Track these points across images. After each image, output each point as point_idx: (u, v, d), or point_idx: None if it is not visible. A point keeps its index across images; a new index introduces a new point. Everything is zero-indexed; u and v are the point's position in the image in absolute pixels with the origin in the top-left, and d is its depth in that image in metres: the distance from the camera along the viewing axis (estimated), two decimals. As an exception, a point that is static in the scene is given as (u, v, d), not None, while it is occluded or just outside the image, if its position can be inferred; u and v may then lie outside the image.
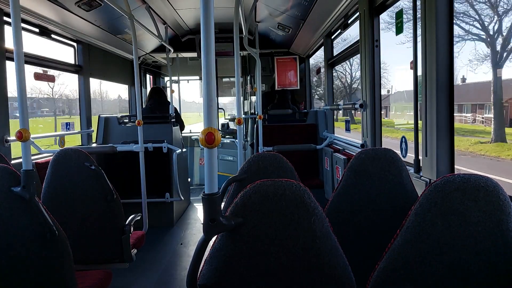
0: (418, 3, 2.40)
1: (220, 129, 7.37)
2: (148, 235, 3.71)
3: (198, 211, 5.68)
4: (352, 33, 4.21)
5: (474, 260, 1.21)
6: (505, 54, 3.33)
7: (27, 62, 2.94)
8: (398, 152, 2.53)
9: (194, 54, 6.83)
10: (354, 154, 2.12)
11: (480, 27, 3.42)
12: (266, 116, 5.54)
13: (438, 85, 2.23)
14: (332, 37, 4.99)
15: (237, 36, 3.36)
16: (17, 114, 1.88)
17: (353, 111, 5.27)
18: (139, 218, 2.91)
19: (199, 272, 1.23)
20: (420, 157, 2.50)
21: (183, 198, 4.86)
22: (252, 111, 7.35)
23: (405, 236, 1.28)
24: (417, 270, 1.25)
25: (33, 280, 1.87)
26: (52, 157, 2.67)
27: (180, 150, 4.73)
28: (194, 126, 9.03)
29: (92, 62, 4.96)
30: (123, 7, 3.68)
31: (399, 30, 2.86)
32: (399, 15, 2.84)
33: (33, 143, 3.60)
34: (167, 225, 4.89)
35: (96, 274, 2.34)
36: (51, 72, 4.22)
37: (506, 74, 3.34)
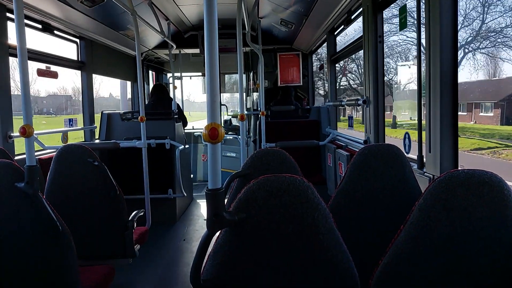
0: None
1: (222, 125, 7.36)
2: (151, 231, 3.72)
3: (201, 207, 5.69)
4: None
5: (478, 255, 1.20)
6: None
7: (30, 58, 2.94)
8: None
9: (197, 51, 6.82)
10: (357, 150, 2.12)
11: None
12: (269, 112, 5.53)
13: (442, 81, 2.22)
14: (335, 33, 4.97)
15: (240, 32, 3.35)
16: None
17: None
18: (142, 214, 2.92)
19: (202, 267, 1.24)
20: (424, 153, 2.50)
21: (186, 194, 4.87)
22: (255, 107, 7.35)
23: (409, 232, 1.28)
24: (421, 266, 1.25)
25: (37, 275, 1.88)
26: (55, 153, 2.68)
27: (183, 146, 4.73)
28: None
29: (95, 58, 4.97)
30: (126, 3, 3.67)
31: (402, 25, 2.84)
32: (403, 10, 2.82)
33: (36, 139, 3.61)
34: (170, 221, 4.90)
35: (99, 269, 2.35)
36: (54, 68, 4.22)
37: None
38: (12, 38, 3.26)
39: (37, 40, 3.97)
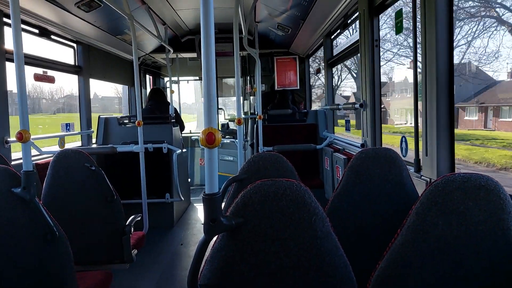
0: (418, 2, 2.40)
1: (220, 129, 7.37)
2: (148, 235, 3.71)
3: (199, 211, 5.67)
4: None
5: (475, 259, 1.21)
6: None
7: (27, 63, 2.94)
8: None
9: (194, 55, 6.83)
10: (354, 154, 2.12)
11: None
12: (266, 116, 5.54)
13: (438, 84, 2.23)
14: (332, 37, 4.99)
15: (236, 36, 3.36)
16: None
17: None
18: (139, 218, 2.91)
19: (200, 272, 1.23)
20: (420, 157, 2.50)
21: (183, 199, 4.86)
22: (252, 111, 7.36)
23: (406, 235, 1.28)
24: (418, 270, 1.25)
25: (34, 281, 1.87)
26: (52, 158, 2.67)
27: (180, 150, 4.73)
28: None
29: (92, 63, 4.97)
30: (123, 7, 3.68)
31: (399, 29, 2.86)
32: (399, 14, 2.84)
33: (33, 144, 3.60)
34: (168, 226, 4.89)
35: (96, 274, 2.34)
36: (50, 73, 4.22)
37: None
38: (9, 43, 3.26)
39: (34, 45, 3.97)
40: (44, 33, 3.97)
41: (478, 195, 1.20)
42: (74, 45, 4.70)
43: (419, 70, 2.46)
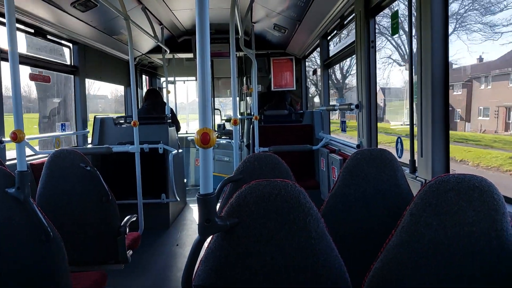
0: (414, 3, 2.41)
1: (216, 129, 7.36)
2: (143, 236, 3.70)
3: (194, 212, 5.66)
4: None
5: (468, 260, 1.21)
6: None
7: (22, 63, 2.93)
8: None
9: (190, 55, 6.82)
10: (350, 154, 2.13)
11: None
12: (262, 116, 5.54)
13: (433, 86, 2.24)
14: (328, 38, 5.00)
15: (233, 37, 3.36)
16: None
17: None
18: (134, 219, 2.90)
19: (194, 273, 1.23)
20: (416, 158, 2.51)
21: (179, 199, 4.85)
22: (248, 111, 7.35)
23: (400, 236, 1.28)
24: (412, 270, 1.25)
25: (28, 281, 1.86)
26: (47, 158, 2.66)
27: (176, 150, 4.72)
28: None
29: (87, 63, 4.95)
30: (119, 7, 3.67)
31: (394, 31, 2.87)
32: (395, 16, 2.85)
33: (27, 144, 3.58)
34: (163, 226, 4.88)
35: (91, 275, 2.34)
36: (46, 72, 4.20)
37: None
38: (3, 42, 3.24)
39: (29, 44, 3.95)
40: (40, 33, 3.96)
41: (472, 196, 1.20)
42: (70, 44, 4.68)
43: (414, 70, 2.47)
